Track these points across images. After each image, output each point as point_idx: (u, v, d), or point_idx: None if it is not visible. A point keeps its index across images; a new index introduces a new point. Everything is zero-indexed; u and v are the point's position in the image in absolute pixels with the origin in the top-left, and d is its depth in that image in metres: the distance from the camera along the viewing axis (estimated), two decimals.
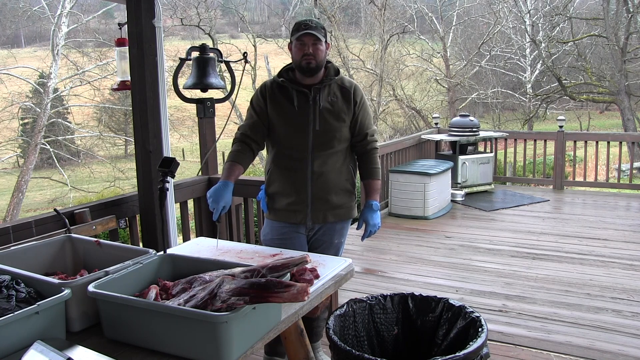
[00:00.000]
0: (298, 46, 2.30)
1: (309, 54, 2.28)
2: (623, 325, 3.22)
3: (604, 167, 11.64)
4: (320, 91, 2.35)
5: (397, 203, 6.06)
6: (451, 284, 3.99)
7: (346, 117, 2.39)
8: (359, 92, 2.44)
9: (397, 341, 2.22)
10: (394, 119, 19.70)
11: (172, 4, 16.13)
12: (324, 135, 2.35)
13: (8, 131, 14.81)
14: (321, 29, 2.31)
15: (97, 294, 1.50)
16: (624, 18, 14.31)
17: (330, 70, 2.42)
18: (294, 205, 2.40)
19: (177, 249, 2.28)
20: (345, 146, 2.43)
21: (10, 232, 2.26)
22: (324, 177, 2.38)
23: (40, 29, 18.56)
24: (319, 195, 2.39)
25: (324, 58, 2.34)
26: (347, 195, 2.47)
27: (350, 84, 2.44)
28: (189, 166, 17.30)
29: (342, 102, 2.38)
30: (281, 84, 2.39)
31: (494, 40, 18.62)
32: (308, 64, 2.29)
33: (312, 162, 2.36)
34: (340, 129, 2.38)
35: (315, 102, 2.34)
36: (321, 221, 2.43)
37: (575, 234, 5.22)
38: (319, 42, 2.30)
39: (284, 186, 2.41)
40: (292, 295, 1.39)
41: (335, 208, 2.43)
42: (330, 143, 2.37)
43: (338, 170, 2.42)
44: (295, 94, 2.35)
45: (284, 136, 2.39)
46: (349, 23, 20.68)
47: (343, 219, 2.49)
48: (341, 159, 2.42)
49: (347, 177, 2.46)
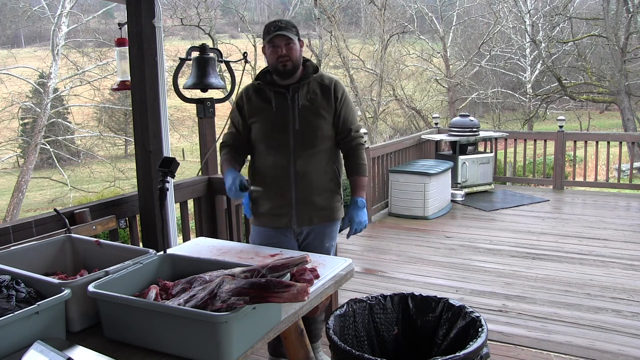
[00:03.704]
0: (271, 49, 2.25)
1: (284, 56, 2.23)
2: (623, 325, 3.23)
3: (604, 167, 11.64)
4: (299, 90, 2.30)
5: (397, 203, 6.06)
6: (451, 284, 3.99)
7: (327, 114, 2.33)
8: (339, 87, 2.38)
9: (397, 341, 2.22)
10: (394, 119, 19.71)
11: (172, 4, 16.13)
12: (305, 135, 2.30)
13: (8, 131, 14.81)
14: (292, 27, 2.26)
15: (97, 294, 1.50)
16: (624, 18, 14.31)
17: (309, 68, 2.36)
18: (277, 209, 2.36)
19: (177, 249, 2.28)
20: (329, 145, 2.37)
21: (10, 232, 2.26)
22: (307, 177, 2.32)
23: (40, 29, 18.55)
24: (303, 197, 2.34)
25: (300, 57, 2.29)
26: (332, 195, 2.41)
27: (330, 81, 2.37)
28: (189, 166, 17.29)
29: (321, 99, 2.32)
30: (258, 87, 2.34)
31: (494, 40, 18.61)
32: (284, 66, 2.25)
33: (295, 163, 2.31)
34: (321, 127, 2.32)
35: (294, 101, 2.30)
36: (306, 223, 2.38)
37: (575, 234, 5.22)
38: (292, 41, 2.24)
39: (266, 189, 2.36)
40: (292, 295, 1.39)
41: (320, 209, 2.38)
42: (312, 142, 2.31)
43: (322, 170, 2.36)
44: (273, 95, 2.31)
45: (265, 138, 2.34)
46: (349, 23, 20.67)
47: (329, 221, 2.43)
48: (325, 158, 2.36)
49: (332, 177, 2.40)
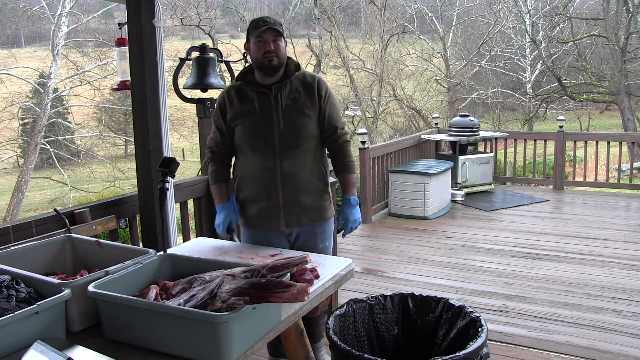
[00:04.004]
0: (258, 44, 2.21)
1: (271, 51, 2.19)
2: (623, 325, 3.23)
3: (604, 167, 11.64)
4: (282, 89, 2.26)
5: (397, 203, 6.06)
6: (451, 284, 3.99)
7: (311, 112, 2.30)
8: (322, 85, 2.34)
9: (397, 341, 2.22)
10: (394, 119, 19.69)
11: (172, 4, 16.12)
12: (290, 134, 2.26)
13: (8, 131, 14.81)
14: (279, 25, 2.23)
15: (97, 294, 1.50)
16: (624, 18, 14.31)
17: (291, 66, 2.32)
18: (265, 211, 2.33)
19: (177, 249, 2.28)
20: (315, 144, 2.34)
21: (10, 232, 2.26)
22: (294, 178, 2.29)
23: (40, 29, 18.54)
24: (290, 197, 2.30)
25: (285, 55, 2.26)
26: (320, 195, 2.38)
27: (313, 78, 2.33)
28: (189, 166, 17.29)
29: (305, 98, 2.29)
30: (240, 88, 2.31)
31: (494, 40, 18.60)
32: (270, 61, 2.20)
33: (281, 163, 2.27)
34: (306, 126, 2.29)
35: (277, 101, 2.26)
36: (295, 224, 2.34)
37: (575, 234, 5.22)
38: (280, 38, 2.22)
39: (253, 191, 2.34)
40: (292, 295, 1.39)
41: (308, 210, 2.35)
42: (297, 142, 2.28)
43: (309, 169, 2.32)
44: (256, 95, 2.27)
45: (249, 139, 2.30)
46: (349, 23, 20.65)
47: (319, 220, 2.40)
48: (311, 157, 2.33)
49: (319, 176, 2.36)
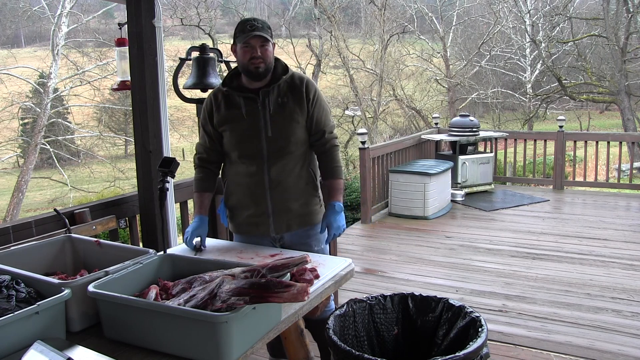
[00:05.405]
0: (244, 49, 2.14)
1: (257, 57, 2.13)
2: (623, 325, 3.23)
3: (604, 167, 11.64)
4: (269, 94, 2.20)
5: (397, 203, 6.06)
6: (451, 284, 3.99)
7: (300, 117, 2.23)
8: (311, 87, 2.26)
9: (397, 341, 2.22)
10: (394, 119, 19.68)
11: (172, 4, 16.11)
12: (278, 141, 2.21)
13: (8, 131, 14.80)
14: (267, 28, 2.16)
15: (97, 294, 1.50)
16: (624, 18, 14.31)
17: (278, 68, 2.24)
18: (254, 218, 2.29)
19: (177, 249, 2.28)
20: (304, 149, 2.29)
21: (10, 232, 2.26)
22: (283, 184, 2.24)
23: (40, 29, 18.53)
24: (279, 204, 2.26)
25: (272, 59, 2.20)
26: (310, 199, 2.33)
27: (301, 80, 2.26)
28: (189, 166, 17.11)
29: (293, 103, 2.22)
30: (226, 93, 2.24)
31: (494, 40, 18.59)
32: (257, 68, 2.14)
33: (269, 170, 2.22)
34: (294, 132, 2.23)
35: (265, 107, 2.19)
36: (285, 230, 2.31)
37: (575, 234, 5.22)
38: (267, 43, 2.14)
39: (242, 198, 2.30)
40: (292, 295, 1.39)
41: (298, 216, 2.31)
42: (286, 148, 2.22)
43: (297, 175, 2.27)
44: (243, 101, 2.21)
45: (237, 146, 2.25)
46: (349, 23, 20.63)
47: (309, 225, 2.35)
48: (300, 162, 2.28)
49: (308, 180, 2.32)
